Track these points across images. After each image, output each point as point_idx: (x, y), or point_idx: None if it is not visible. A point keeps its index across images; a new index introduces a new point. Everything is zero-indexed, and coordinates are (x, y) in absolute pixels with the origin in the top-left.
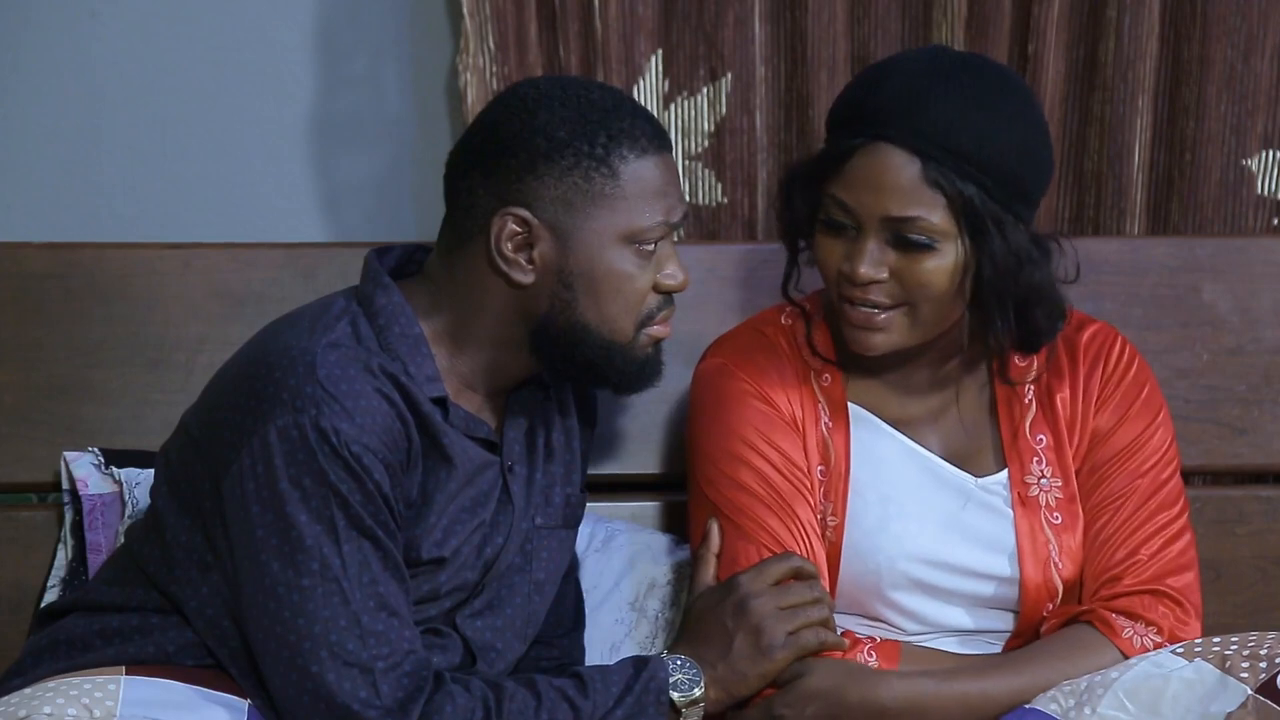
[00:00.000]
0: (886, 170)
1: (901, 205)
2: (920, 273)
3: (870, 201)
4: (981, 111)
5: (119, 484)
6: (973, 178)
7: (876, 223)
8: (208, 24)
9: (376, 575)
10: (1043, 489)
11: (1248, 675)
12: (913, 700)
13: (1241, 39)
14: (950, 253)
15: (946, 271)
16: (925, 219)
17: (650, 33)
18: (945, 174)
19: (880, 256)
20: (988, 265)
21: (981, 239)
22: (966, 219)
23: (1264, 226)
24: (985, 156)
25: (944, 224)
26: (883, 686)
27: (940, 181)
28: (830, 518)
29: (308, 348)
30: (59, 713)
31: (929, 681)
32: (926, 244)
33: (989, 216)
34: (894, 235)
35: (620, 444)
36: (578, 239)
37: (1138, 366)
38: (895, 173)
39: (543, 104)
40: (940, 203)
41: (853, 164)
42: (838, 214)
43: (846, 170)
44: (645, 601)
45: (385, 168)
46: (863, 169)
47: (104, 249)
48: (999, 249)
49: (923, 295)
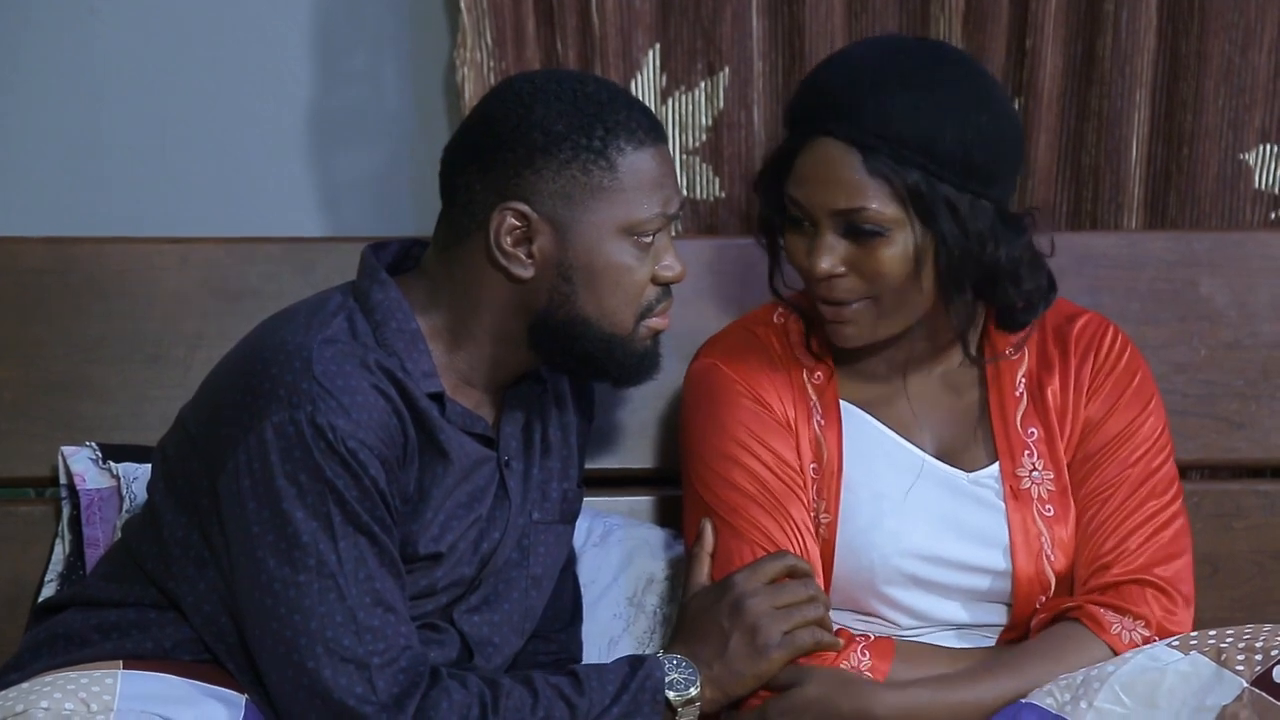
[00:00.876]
0: (829, 165)
1: (848, 198)
2: (875, 262)
3: (819, 197)
4: (919, 97)
5: (117, 479)
6: (915, 163)
7: (827, 217)
8: (206, 20)
9: (373, 571)
10: (1034, 481)
11: (1243, 668)
12: (906, 711)
13: (1239, 33)
14: (902, 240)
15: (900, 259)
16: (871, 209)
17: (648, 27)
18: (886, 163)
19: (834, 251)
20: (942, 249)
21: (933, 223)
22: (914, 205)
23: (1261, 221)
24: (926, 142)
25: (891, 212)
26: (876, 697)
27: (883, 170)
28: (823, 515)
29: (304, 343)
30: (56, 707)
31: (922, 692)
32: (877, 231)
33: (939, 200)
34: (846, 226)
35: (617, 438)
36: (577, 232)
37: (1129, 355)
38: (838, 167)
39: (539, 98)
40: (885, 191)
41: (800, 161)
42: (794, 210)
43: (795, 168)
44: (643, 597)
45: (383, 163)
46: (809, 165)
47: (102, 244)
48: (951, 231)
49: (882, 285)
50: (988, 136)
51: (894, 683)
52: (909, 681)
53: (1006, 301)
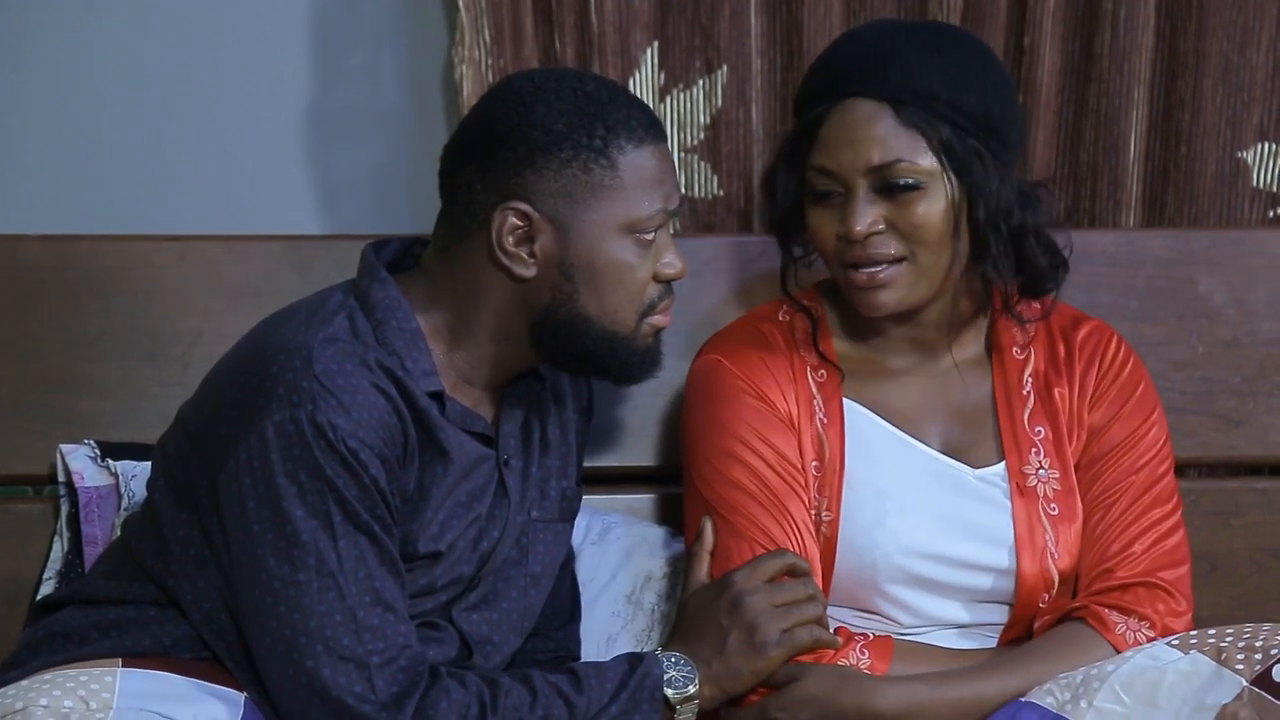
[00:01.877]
0: (861, 123)
1: (883, 152)
2: (914, 216)
3: (851, 157)
4: (943, 58)
5: (115, 477)
6: (945, 117)
7: (861, 176)
8: (205, 18)
9: (372, 570)
10: (1041, 480)
11: (1243, 667)
12: (907, 706)
13: (1237, 31)
14: (939, 193)
15: (939, 213)
16: (908, 160)
17: (646, 25)
18: (919, 114)
19: (872, 209)
20: (979, 200)
21: (968, 175)
22: (949, 157)
23: (1260, 219)
24: (953, 97)
25: (926, 163)
26: (877, 692)
27: (916, 122)
28: (825, 513)
29: (304, 342)
30: (55, 705)
31: (923, 687)
32: (914, 184)
33: (971, 152)
34: (881, 184)
35: (617, 436)
36: (578, 231)
37: (1133, 364)
38: (870, 124)
39: (539, 97)
40: (920, 144)
41: (827, 127)
42: (822, 183)
43: (822, 135)
44: (642, 594)
45: (382, 160)
46: (838, 128)
47: (100, 241)
48: (988, 183)
49: (919, 239)
50: (1004, 99)
51: (895, 678)
52: (910, 676)
53: (1035, 263)
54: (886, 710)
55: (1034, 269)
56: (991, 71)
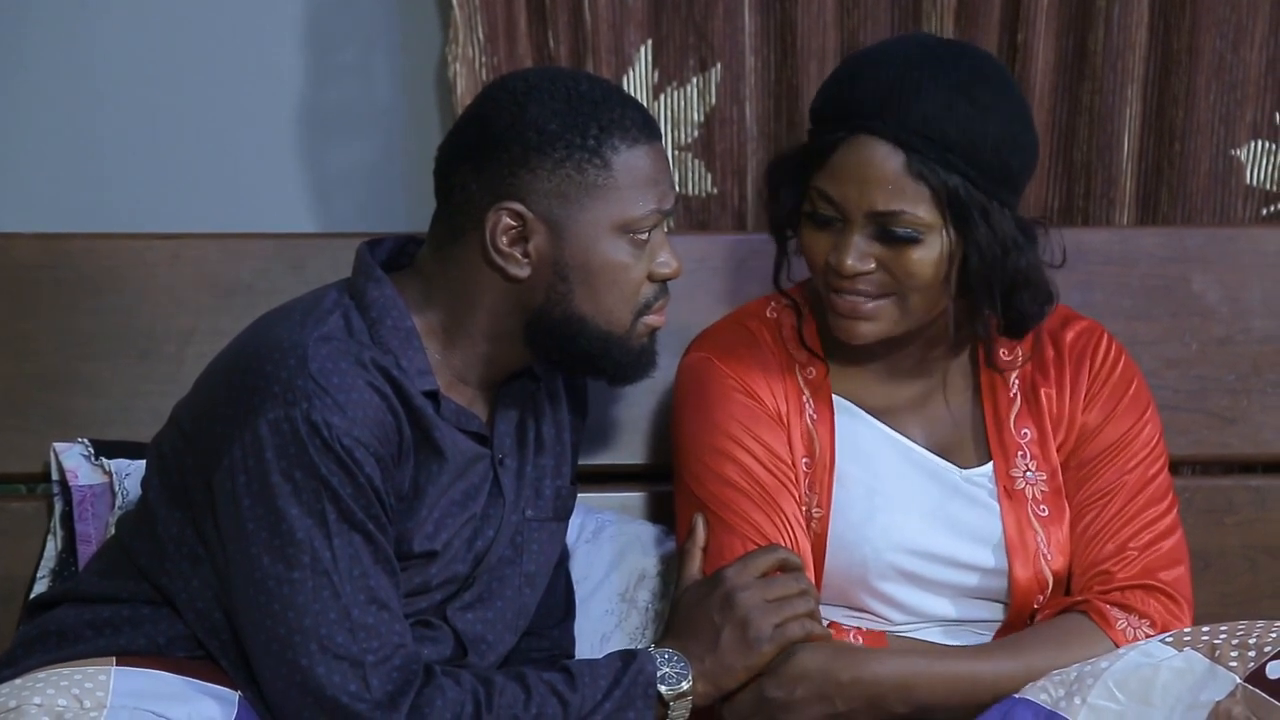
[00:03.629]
0: (871, 163)
1: (886, 199)
2: (906, 264)
3: (855, 195)
4: (963, 100)
5: (109, 475)
6: (957, 168)
7: (862, 216)
8: (197, 15)
9: (367, 569)
10: (1029, 482)
11: (1236, 664)
12: (903, 678)
13: (1230, 29)
14: (936, 244)
15: (932, 263)
16: (910, 213)
17: (640, 23)
18: (930, 165)
19: (866, 249)
20: (974, 254)
21: (967, 228)
22: (951, 210)
23: (1253, 216)
24: (969, 146)
25: (929, 216)
26: (873, 664)
27: (924, 173)
28: (815, 510)
29: (299, 341)
30: (49, 703)
31: (919, 660)
32: (912, 237)
33: (974, 206)
34: (879, 229)
35: (610, 434)
36: (572, 231)
37: (1124, 363)
38: (880, 166)
39: (532, 97)
40: (925, 195)
41: (837, 157)
42: (824, 207)
43: (831, 163)
44: (635, 593)
45: (375, 158)
46: (847, 162)
47: (93, 240)
48: (985, 238)
49: (910, 286)
50: (1022, 144)
51: (890, 650)
52: (906, 649)
53: (1020, 308)
54: (885, 678)
55: (1019, 314)
56: (1014, 116)
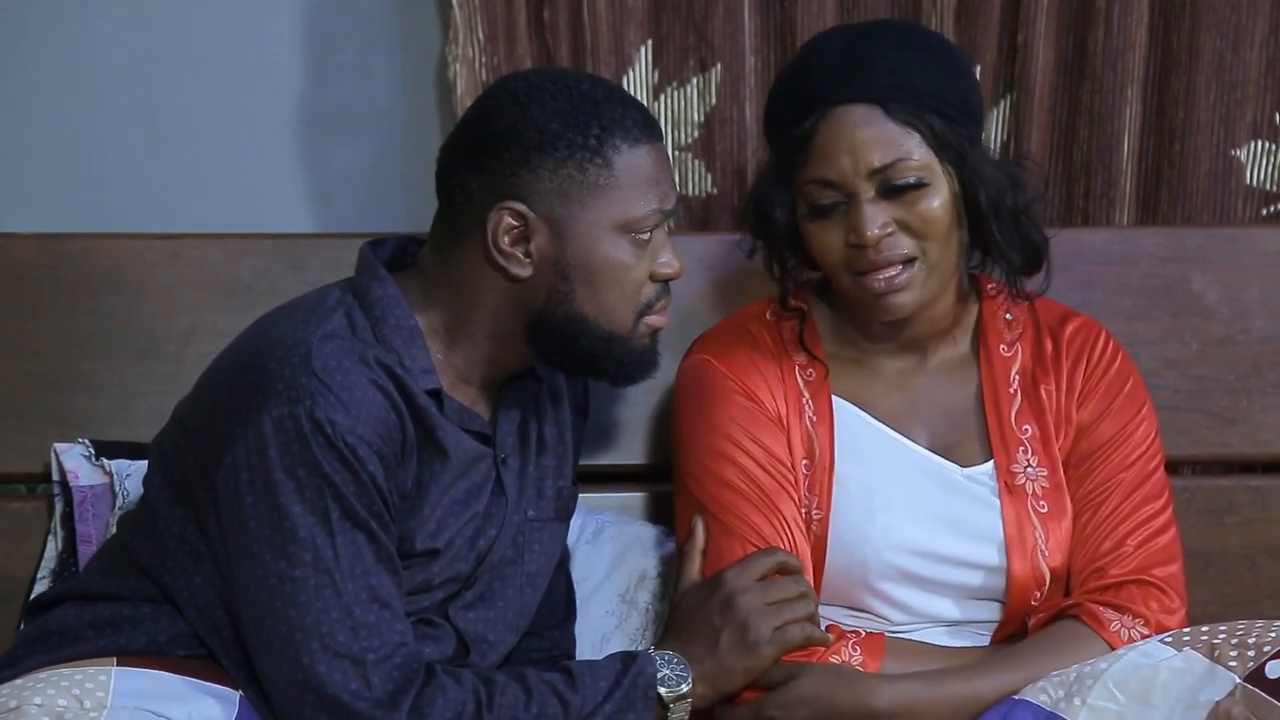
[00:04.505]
0: (855, 128)
1: (883, 153)
2: (922, 214)
3: (851, 163)
4: (915, 52)
5: (110, 475)
6: (933, 109)
7: (864, 181)
8: (198, 14)
9: (369, 567)
10: (1029, 478)
11: (1236, 664)
12: (904, 704)
13: (1230, 29)
14: (942, 185)
15: (944, 205)
16: (907, 158)
17: (640, 23)
18: (909, 111)
19: (880, 212)
20: (980, 188)
21: (963, 164)
22: (943, 148)
23: (1253, 216)
24: (935, 90)
25: (925, 158)
26: (874, 691)
27: (908, 119)
28: (815, 511)
29: (303, 339)
30: (50, 703)
31: (919, 685)
32: (918, 182)
33: (964, 141)
34: (885, 186)
35: (610, 434)
36: (574, 230)
37: (1121, 360)
38: (864, 127)
39: (533, 97)
40: (915, 139)
41: (820, 138)
42: (822, 196)
43: (816, 147)
44: (635, 594)
45: (375, 158)
46: (832, 137)
47: (93, 240)
48: (986, 169)
49: (929, 235)
50: (973, 82)
51: (891, 676)
52: (907, 675)
53: (1030, 238)
54: (883, 708)
55: (1031, 246)
56: (958, 59)
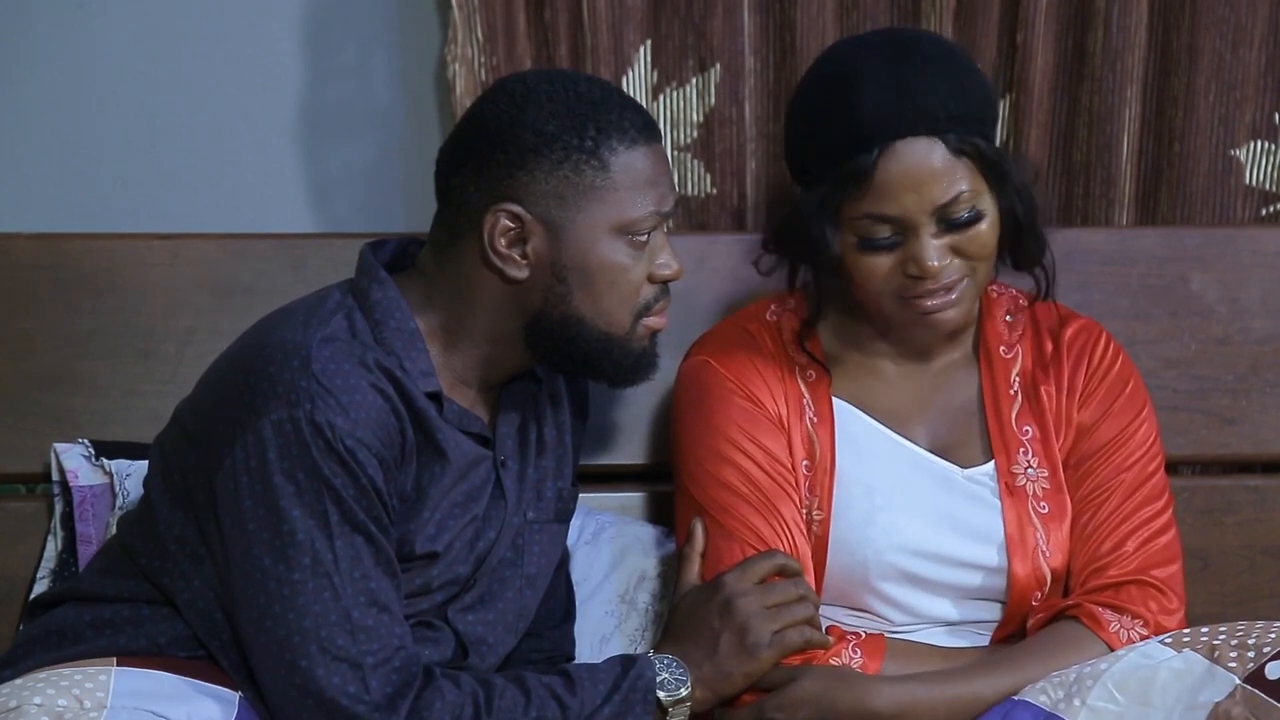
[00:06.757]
0: (920, 162)
1: (944, 189)
2: (979, 240)
3: (915, 201)
4: (957, 73)
5: (109, 475)
6: (976, 131)
7: (926, 218)
8: (197, 14)
9: (368, 570)
10: (1030, 479)
11: (1236, 665)
12: (903, 705)
13: (1230, 29)
14: (991, 210)
15: (993, 228)
16: (965, 190)
17: (639, 24)
18: (962, 139)
19: (940, 244)
20: (1018, 203)
21: (1003, 182)
22: (988, 171)
23: (1252, 216)
24: (975, 110)
25: (976, 185)
26: (873, 692)
27: (963, 148)
28: (816, 512)
29: (303, 341)
30: (50, 703)
31: (919, 686)
32: (973, 215)
33: (1002, 160)
34: (942, 220)
35: (609, 435)
36: (570, 232)
37: (1121, 362)
38: (929, 162)
39: (530, 98)
40: (968, 167)
41: (881, 175)
42: (880, 230)
43: (875, 183)
44: (635, 594)
45: (374, 158)
46: (894, 174)
47: (92, 240)
48: (1020, 184)
49: (981, 257)
50: (992, 92)
51: (892, 677)
52: (907, 676)
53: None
54: (883, 709)
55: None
56: (976, 68)
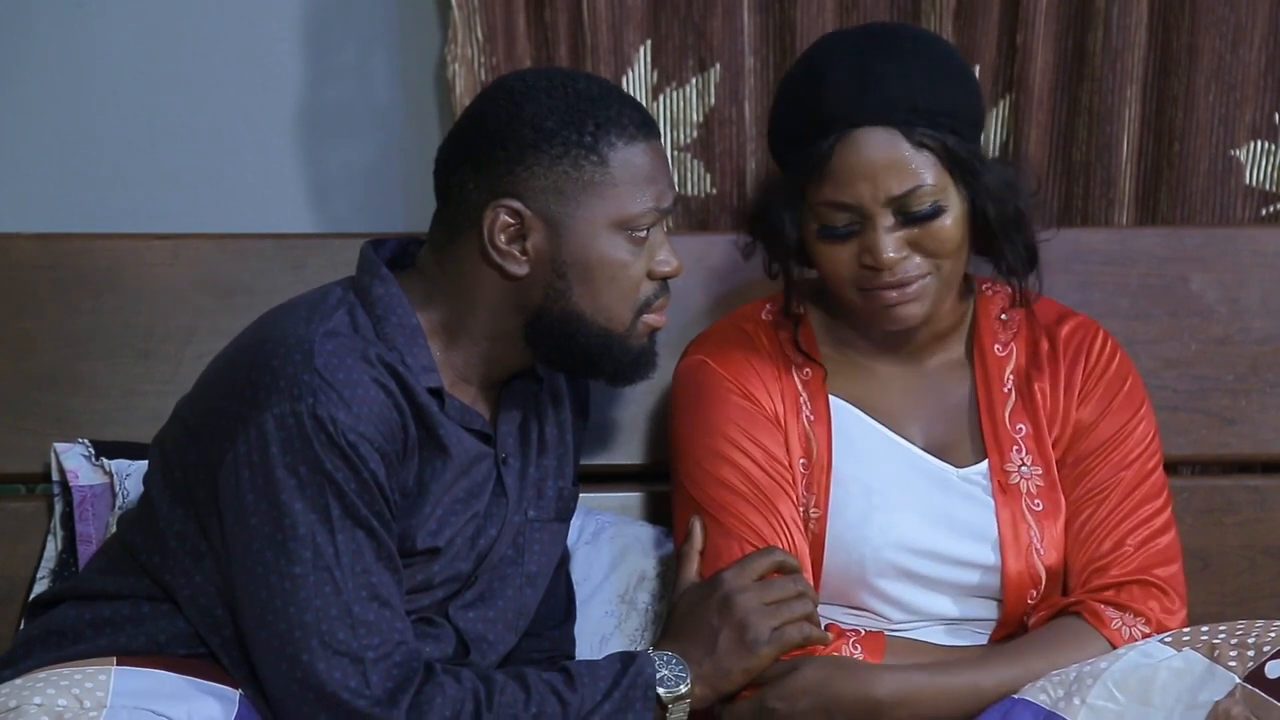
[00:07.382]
0: (874, 153)
1: (901, 180)
2: (936, 235)
3: (870, 190)
4: (927, 66)
5: (109, 475)
6: (947, 126)
7: (881, 208)
8: (197, 14)
9: (369, 565)
10: (1023, 476)
11: (1235, 664)
12: (905, 693)
13: (1230, 29)
14: (954, 205)
15: (958, 225)
16: (925, 184)
17: (639, 23)
18: (927, 134)
19: (896, 236)
20: (989, 203)
21: (973, 180)
22: (955, 167)
23: (1252, 216)
24: (949, 105)
25: (939, 180)
26: (874, 680)
27: (925, 141)
28: (813, 510)
29: (305, 336)
30: (50, 703)
31: (920, 674)
32: (933, 210)
33: (973, 158)
34: (900, 212)
35: (609, 434)
36: (570, 228)
37: (1119, 360)
38: (884, 150)
39: (529, 95)
40: (930, 161)
41: (837, 162)
42: (836, 218)
43: (833, 169)
44: (634, 594)
45: (374, 158)
46: (849, 162)
47: (92, 240)
48: (993, 183)
49: (942, 254)
50: (976, 89)
51: (892, 665)
52: (908, 665)
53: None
54: (885, 698)
55: (1029, 249)
56: (964, 67)
